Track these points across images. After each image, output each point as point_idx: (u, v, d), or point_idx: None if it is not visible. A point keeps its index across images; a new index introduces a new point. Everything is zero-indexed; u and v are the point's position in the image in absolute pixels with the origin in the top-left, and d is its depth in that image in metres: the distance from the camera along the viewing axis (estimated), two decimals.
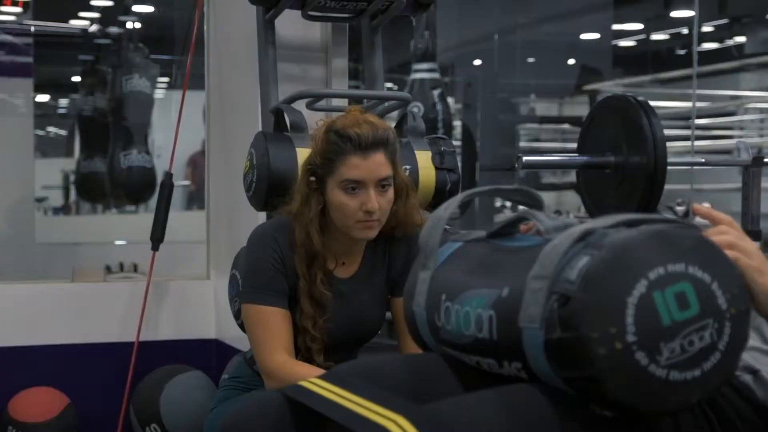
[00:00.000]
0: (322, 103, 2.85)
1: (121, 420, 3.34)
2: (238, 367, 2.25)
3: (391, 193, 2.01)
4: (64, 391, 3.30)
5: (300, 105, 2.66)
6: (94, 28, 6.68)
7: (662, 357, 1.12)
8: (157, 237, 3.44)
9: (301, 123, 2.55)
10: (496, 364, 1.33)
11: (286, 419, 1.43)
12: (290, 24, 2.93)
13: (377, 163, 1.97)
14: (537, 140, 8.91)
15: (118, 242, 6.83)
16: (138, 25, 6.15)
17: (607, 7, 8.19)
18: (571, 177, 8.79)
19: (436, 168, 2.58)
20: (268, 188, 2.45)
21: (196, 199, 8.00)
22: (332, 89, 3.04)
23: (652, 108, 3.12)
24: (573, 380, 1.17)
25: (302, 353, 2.05)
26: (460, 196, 1.58)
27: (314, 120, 2.77)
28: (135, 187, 5.52)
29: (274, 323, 2.00)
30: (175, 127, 7.46)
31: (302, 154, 2.47)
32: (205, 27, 3.64)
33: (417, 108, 5.48)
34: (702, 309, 1.14)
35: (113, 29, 6.28)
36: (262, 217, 2.88)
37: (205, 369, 3.40)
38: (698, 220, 1.71)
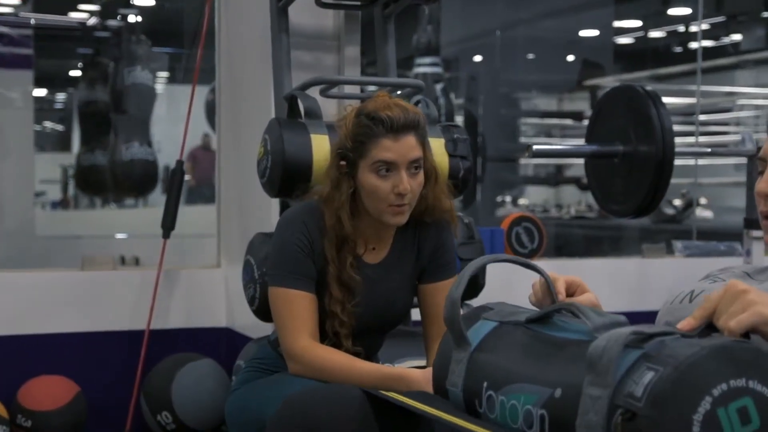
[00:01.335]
0: (334, 90, 2.87)
1: (131, 408, 3.35)
2: (261, 349, 2.25)
3: (421, 175, 2.01)
4: (74, 380, 3.29)
5: (313, 93, 2.67)
6: (93, 20, 6.68)
7: None
8: (168, 225, 3.45)
9: (316, 109, 2.55)
10: None
11: (369, 414, 1.43)
12: (303, 12, 2.94)
13: (409, 146, 1.97)
14: (537, 135, 8.96)
15: (119, 236, 6.84)
16: (139, 18, 6.15)
17: (608, 4, 8.23)
18: (571, 172, 8.83)
19: (450, 155, 2.59)
20: (282, 174, 2.46)
21: (196, 193, 8.01)
22: (345, 77, 3.05)
23: (660, 98, 3.14)
24: None
25: (330, 338, 2.05)
26: (468, 272, 1.56)
27: (328, 107, 2.79)
28: (137, 180, 5.52)
29: (300, 307, 2.01)
30: (174, 121, 7.48)
31: (317, 140, 2.49)
32: (216, 18, 3.64)
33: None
34: (762, 422, 1.16)
35: (114, 21, 6.29)
36: (274, 204, 2.89)
37: (216, 357, 3.41)
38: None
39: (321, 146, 2.46)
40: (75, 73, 8.10)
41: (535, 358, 1.39)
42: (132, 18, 6.09)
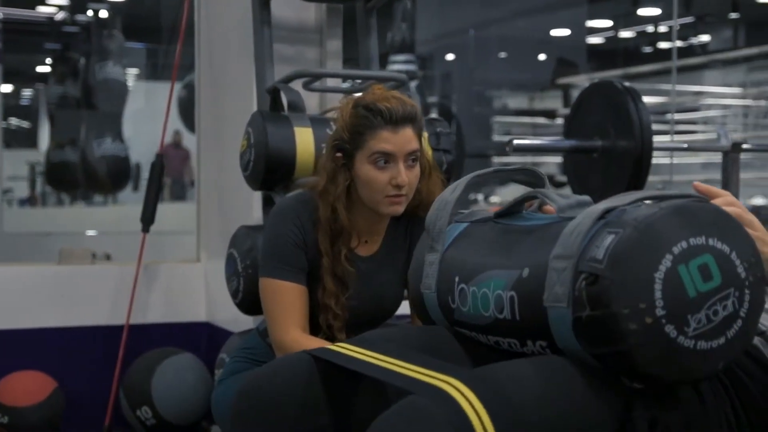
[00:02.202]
0: (317, 84, 2.86)
1: (110, 403, 3.32)
2: (249, 339, 2.24)
3: (418, 168, 2.01)
4: (51, 375, 3.26)
5: (295, 86, 2.66)
6: (62, 15, 6.62)
7: (690, 328, 1.15)
8: (148, 219, 3.42)
9: (299, 102, 2.54)
10: (518, 344, 1.35)
11: (315, 380, 1.42)
12: (285, 5, 2.93)
13: (407, 138, 1.97)
14: (509, 134, 9.00)
15: (89, 233, 6.79)
16: (111, 12, 6.10)
17: (581, 4, 8.29)
18: (542, 170, 8.86)
19: (433, 149, 2.59)
20: (266, 167, 2.45)
21: (166, 190, 7.95)
22: (329, 69, 3.04)
23: (638, 94, 3.17)
24: (603, 355, 1.19)
25: (323, 331, 2.04)
26: (466, 179, 1.58)
27: (310, 101, 2.78)
28: (109, 176, 5.48)
29: (291, 299, 2.00)
30: (144, 118, 7.43)
31: (300, 133, 2.48)
32: (195, 11, 3.62)
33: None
34: (724, 279, 1.18)
35: (85, 16, 6.23)
36: (256, 197, 2.88)
37: (196, 352, 3.39)
38: None
39: (304, 139, 2.46)
40: (43, 68, 8.03)
41: (504, 247, 1.40)
42: (103, 12, 6.04)
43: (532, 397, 1.18)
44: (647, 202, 1.27)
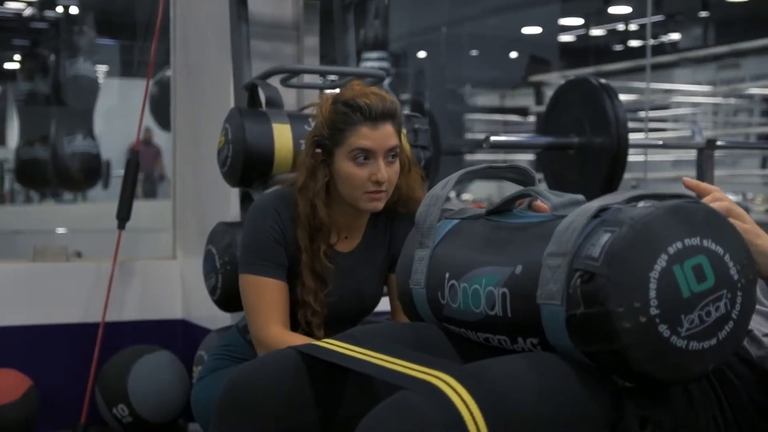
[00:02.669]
0: (294, 80, 2.85)
1: (86, 401, 3.29)
2: (229, 336, 2.23)
3: (398, 164, 2.01)
4: (26, 373, 3.22)
5: (272, 82, 2.65)
6: (30, 11, 6.55)
7: (683, 328, 1.16)
8: (124, 216, 3.39)
9: (277, 98, 2.54)
10: (508, 341, 1.35)
11: (302, 376, 1.41)
12: (262, 1, 2.92)
13: (386, 134, 1.97)
14: (482, 131, 9.03)
15: (59, 230, 6.73)
16: (80, 8, 6.04)
17: (553, 2, 8.33)
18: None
19: (411, 145, 2.59)
20: (244, 163, 2.44)
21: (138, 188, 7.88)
22: (307, 65, 3.04)
23: (614, 91, 3.19)
24: (596, 353, 1.20)
25: (302, 327, 2.04)
26: (456, 175, 1.58)
27: (287, 97, 2.77)
28: (80, 174, 5.43)
29: (271, 295, 1.99)
30: (114, 115, 7.36)
31: (278, 129, 2.47)
32: (171, 7, 3.59)
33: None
34: (717, 280, 1.18)
35: (54, 12, 6.17)
36: (234, 194, 2.86)
37: (173, 349, 3.36)
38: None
39: (283, 135, 2.45)
40: (11, 65, 7.93)
41: (497, 244, 1.40)
42: (74, 8, 5.98)
43: (524, 393, 1.18)
44: (641, 202, 1.28)
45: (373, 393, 1.40)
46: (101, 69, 7.91)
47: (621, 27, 9.44)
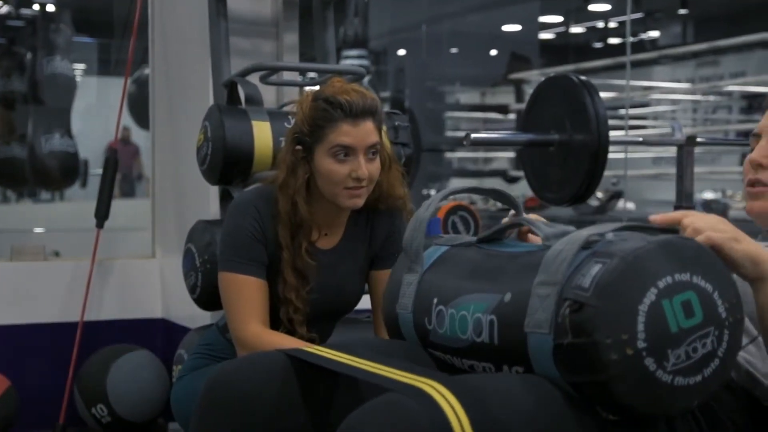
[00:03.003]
0: (273, 77, 2.84)
1: (65, 401, 3.26)
2: (209, 335, 2.21)
3: (378, 161, 2.01)
4: (4, 374, 3.19)
5: (252, 80, 2.64)
6: (6, 8, 6.50)
7: (669, 363, 1.16)
8: (102, 215, 3.37)
9: (257, 96, 2.53)
10: (493, 368, 1.35)
11: (290, 379, 1.40)
12: None
13: (367, 131, 1.96)
14: (460, 129, 9.03)
15: (36, 230, 6.68)
16: (56, 6, 5.99)
17: None
18: (496, 165, 8.93)
19: (391, 142, 2.59)
20: (223, 161, 2.43)
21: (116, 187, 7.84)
22: (286, 63, 3.02)
23: (595, 88, 3.19)
24: (581, 384, 1.20)
25: (284, 325, 2.02)
26: (439, 195, 1.57)
27: (266, 94, 2.76)
28: (57, 173, 5.39)
29: (251, 293, 1.98)
30: (92, 113, 7.30)
31: (258, 126, 2.46)
32: (149, 4, 3.56)
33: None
34: (705, 317, 1.19)
35: (31, 10, 6.13)
36: (213, 192, 2.85)
37: (152, 348, 3.34)
38: None
39: (262, 133, 2.44)
40: None
41: (487, 271, 1.40)
42: (50, 6, 5.94)
43: (513, 406, 1.17)
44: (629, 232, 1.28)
45: (362, 399, 1.40)
46: (79, 67, 7.89)
47: (600, 24, 9.47)
